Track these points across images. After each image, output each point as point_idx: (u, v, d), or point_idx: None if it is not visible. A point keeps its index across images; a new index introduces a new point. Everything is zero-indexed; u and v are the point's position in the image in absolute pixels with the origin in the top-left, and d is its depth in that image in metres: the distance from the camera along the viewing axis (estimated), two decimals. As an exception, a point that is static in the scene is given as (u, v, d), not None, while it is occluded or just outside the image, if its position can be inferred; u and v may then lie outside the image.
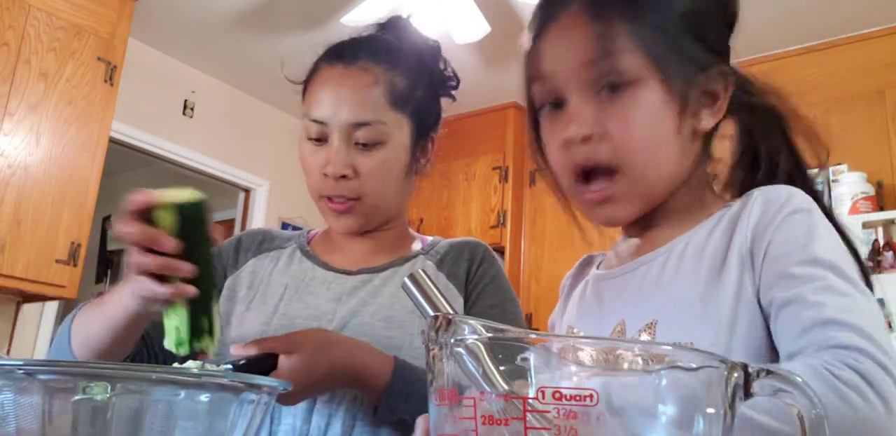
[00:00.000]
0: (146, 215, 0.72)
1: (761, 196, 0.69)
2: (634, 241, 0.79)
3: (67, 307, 3.83)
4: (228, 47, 3.87)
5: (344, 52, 1.03)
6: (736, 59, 0.77)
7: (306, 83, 1.05)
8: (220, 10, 3.54)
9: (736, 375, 0.36)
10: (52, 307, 3.44)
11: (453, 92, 1.12)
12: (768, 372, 0.36)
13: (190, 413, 0.47)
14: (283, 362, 0.80)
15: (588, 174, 0.72)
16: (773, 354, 0.64)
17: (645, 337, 0.68)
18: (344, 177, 0.98)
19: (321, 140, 1.00)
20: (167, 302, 0.73)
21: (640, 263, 0.75)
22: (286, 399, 0.82)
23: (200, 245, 0.73)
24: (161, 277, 0.72)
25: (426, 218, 4.32)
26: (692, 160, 0.74)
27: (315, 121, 1.00)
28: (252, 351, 0.82)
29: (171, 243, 0.71)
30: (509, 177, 4.19)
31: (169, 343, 0.73)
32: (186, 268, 0.72)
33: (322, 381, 0.83)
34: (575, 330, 0.79)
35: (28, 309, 3.34)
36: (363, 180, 0.99)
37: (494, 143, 4.28)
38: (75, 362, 0.51)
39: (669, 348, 0.37)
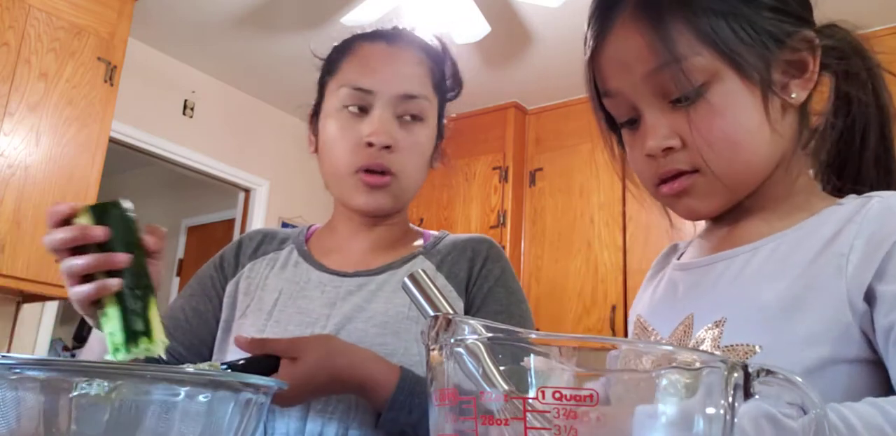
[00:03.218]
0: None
1: (880, 203, 0.62)
2: (723, 230, 0.75)
3: (67, 307, 3.83)
4: (228, 47, 3.87)
5: (382, 35, 1.04)
6: None
7: (337, 56, 1.03)
8: (220, 10, 3.54)
9: (736, 375, 0.36)
10: (52, 307, 3.44)
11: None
12: (768, 372, 0.36)
13: (187, 412, 0.47)
14: (285, 366, 0.80)
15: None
16: (875, 377, 0.60)
17: (711, 334, 0.65)
18: (388, 147, 0.96)
19: (362, 110, 0.98)
20: (98, 304, 0.69)
21: (722, 258, 0.71)
22: (281, 401, 0.81)
23: (126, 243, 0.70)
24: (92, 277, 0.69)
25: (426, 218, 4.32)
26: (789, 136, 0.70)
27: (360, 89, 0.98)
28: (255, 350, 0.82)
29: (97, 232, 0.68)
30: (509, 177, 4.19)
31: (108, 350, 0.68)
32: (119, 258, 0.68)
33: (321, 388, 0.82)
34: (644, 321, 0.77)
35: (28, 309, 3.34)
36: (402, 155, 0.97)
37: (494, 143, 4.28)
38: (71, 361, 0.51)
39: (669, 348, 0.37)
